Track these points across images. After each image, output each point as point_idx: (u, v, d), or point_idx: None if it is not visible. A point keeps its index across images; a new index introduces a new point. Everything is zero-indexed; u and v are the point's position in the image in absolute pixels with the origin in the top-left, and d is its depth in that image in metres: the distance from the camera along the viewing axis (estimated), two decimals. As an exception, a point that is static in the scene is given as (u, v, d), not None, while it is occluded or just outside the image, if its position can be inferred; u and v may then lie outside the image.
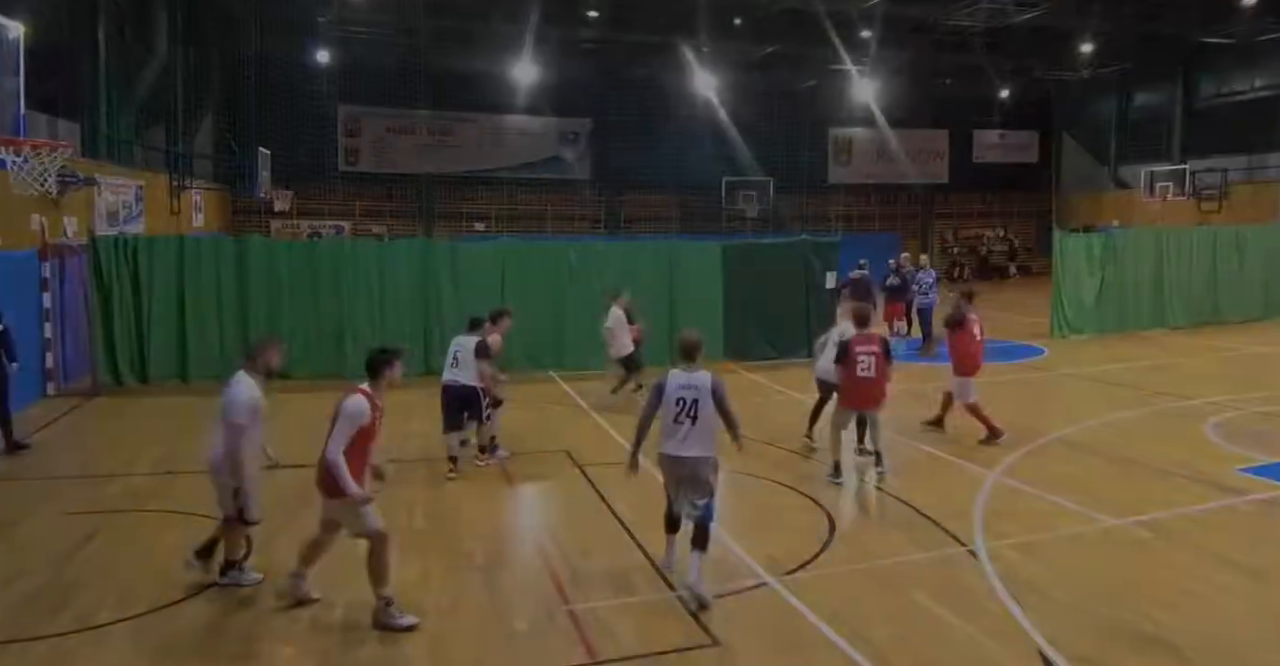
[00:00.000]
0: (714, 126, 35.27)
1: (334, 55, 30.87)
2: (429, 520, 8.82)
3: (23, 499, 9.35)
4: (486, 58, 31.48)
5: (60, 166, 9.69)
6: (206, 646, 6.17)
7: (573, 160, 36.49)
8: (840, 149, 39.52)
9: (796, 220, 36.68)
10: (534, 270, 17.06)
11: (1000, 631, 6.37)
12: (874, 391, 10.22)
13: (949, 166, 40.89)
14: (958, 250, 40.99)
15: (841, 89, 35.21)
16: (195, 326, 15.65)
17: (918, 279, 19.79)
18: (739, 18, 29.64)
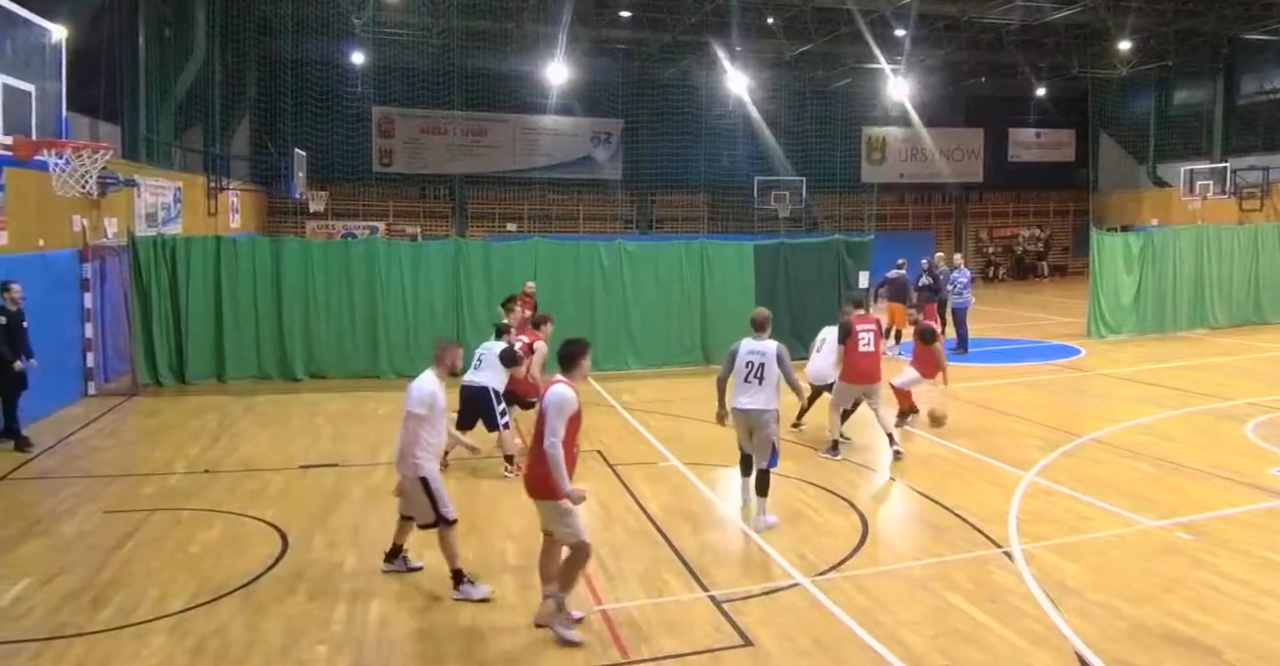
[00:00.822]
0: (746, 126, 35.17)
1: (368, 56, 31.07)
2: (461, 519, 8.81)
3: (64, 497, 9.49)
4: (519, 58, 31.60)
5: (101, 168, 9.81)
6: (244, 643, 6.23)
7: (604, 160, 36.53)
8: (873, 148, 39.30)
9: (829, 220, 36.55)
10: (565, 270, 17.11)
11: (1037, 634, 6.31)
12: (873, 366, 11.11)
13: (984, 165, 40.55)
14: (992, 250, 40.62)
15: (875, 87, 34.98)
16: (232, 326, 15.82)
17: (952, 279, 19.63)
18: (772, 16, 29.53)
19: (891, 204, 39.52)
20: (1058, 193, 41.32)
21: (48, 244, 13.32)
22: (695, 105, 35.44)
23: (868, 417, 11.57)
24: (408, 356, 16.12)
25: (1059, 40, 32.81)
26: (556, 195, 35.99)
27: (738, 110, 34.60)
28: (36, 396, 12.17)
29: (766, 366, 8.58)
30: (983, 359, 18.37)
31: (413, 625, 6.55)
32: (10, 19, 7.84)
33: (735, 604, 6.86)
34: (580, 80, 32.58)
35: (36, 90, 8.23)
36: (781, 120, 35.70)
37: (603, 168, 36.52)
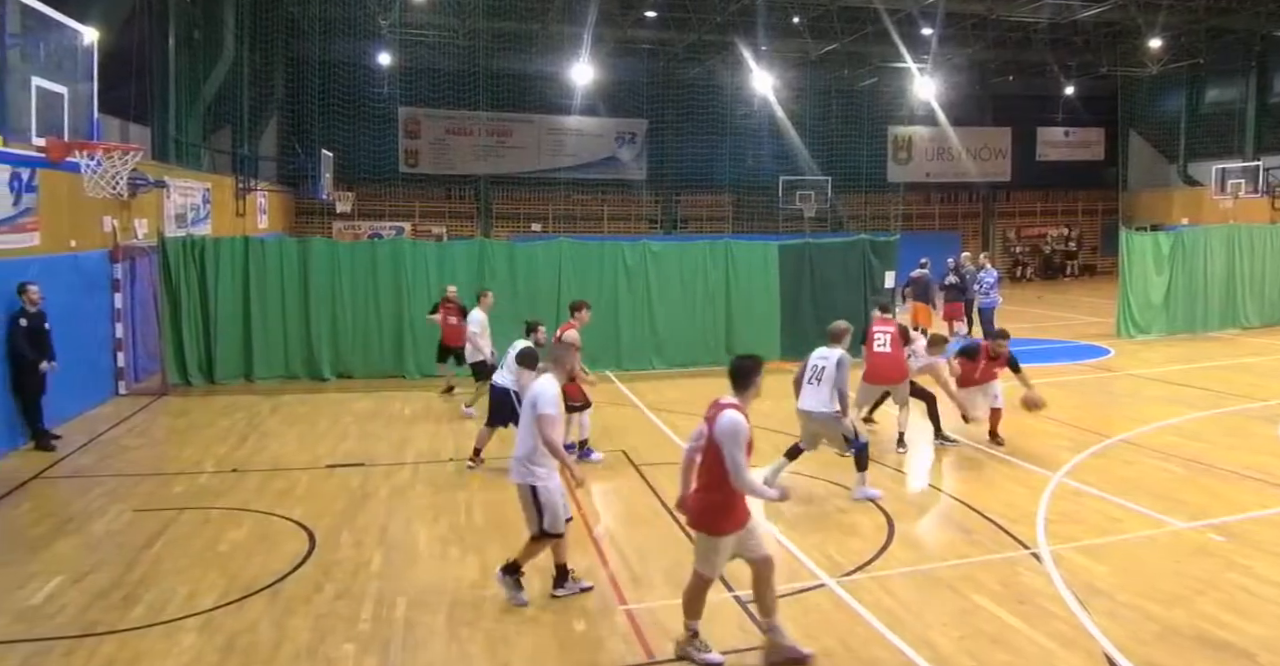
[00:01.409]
0: (771, 125, 35.12)
1: (395, 57, 31.27)
2: (487, 519, 8.88)
3: (95, 495, 9.59)
4: (544, 59, 31.71)
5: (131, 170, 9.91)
6: (272, 641, 6.27)
7: (629, 160, 36.55)
8: (900, 147, 39.10)
9: (854, 219, 36.42)
10: (590, 270, 17.13)
11: (1065, 636, 6.25)
12: (892, 365, 11.13)
13: (1011, 164, 40.26)
14: (1020, 249, 40.34)
15: (901, 87, 34.83)
16: (259, 327, 15.94)
17: (979, 279, 19.50)
18: (797, 16, 29.47)
19: (918, 203, 39.32)
20: (1086, 192, 40.97)
21: (79, 245, 13.47)
22: (720, 105, 35.42)
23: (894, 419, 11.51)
24: (432, 357, 16.22)
25: (1088, 38, 32.55)
26: (581, 195, 36.05)
27: (763, 110, 34.57)
28: (68, 396, 12.32)
29: (827, 370, 9.15)
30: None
31: (439, 624, 6.56)
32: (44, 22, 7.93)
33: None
34: (605, 80, 32.62)
35: (69, 92, 8.32)
36: (807, 120, 35.60)
37: (627, 168, 36.54)
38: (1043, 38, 32.01)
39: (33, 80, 7.75)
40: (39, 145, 7.84)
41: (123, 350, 14.78)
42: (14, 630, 6.39)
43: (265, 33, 25.99)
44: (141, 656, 6.03)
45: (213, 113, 22.65)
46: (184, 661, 5.98)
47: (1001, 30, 31.21)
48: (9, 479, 10.11)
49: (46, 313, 11.39)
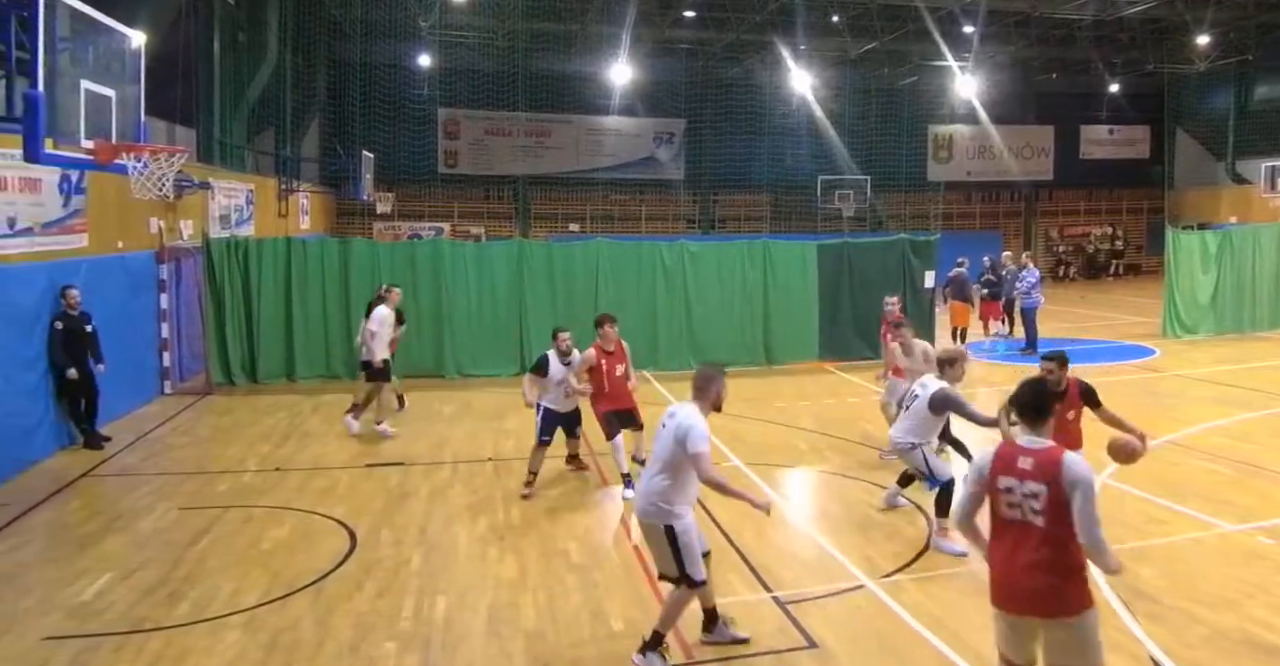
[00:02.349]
0: (809, 124, 34.94)
1: (435, 59, 31.47)
2: (525, 519, 8.92)
3: (142, 494, 9.74)
4: (582, 59, 31.78)
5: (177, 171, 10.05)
6: (315, 638, 6.34)
7: (667, 160, 36.52)
8: (940, 146, 38.76)
9: (894, 219, 36.16)
10: (627, 270, 17.14)
11: (1110, 639, 6.13)
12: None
13: (1054, 163, 39.73)
14: (1063, 249, 39.84)
15: (942, 85, 34.54)
16: (301, 327, 16.09)
17: (1021, 278, 19.29)
18: (837, 14, 29.31)
19: (958, 203, 38.95)
20: (1131, 190, 40.37)
21: (126, 246, 13.69)
22: (758, 104, 35.29)
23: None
24: (471, 356, 16.32)
25: (1133, 35, 32.09)
26: (619, 195, 36.09)
27: (801, 109, 34.41)
28: (116, 395, 12.52)
29: (918, 402, 8.34)
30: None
31: (479, 623, 6.60)
32: (93, 26, 8.05)
33: (800, 605, 6.81)
34: (643, 80, 32.66)
35: (116, 95, 8.44)
36: (846, 119, 35.37)
37: (665, 168, 36.52)
38: (1087, 35, 31.59)
39: (82, 83, 7.87)
40: (87, 148, 7.96)
41: (168, 350, 14.98)
42: (66, 626, 6.50)
43: (308, 35, 26.25)
44: (188, 653, 6.12)
45: (256, 115, 22.91)
46: (228, 658, 6.06)
47: (1045, 27, 30.83)
48: (59, 476, 10.30)
49: (91, 314, 11.54)
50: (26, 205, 10.80)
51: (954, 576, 7.35)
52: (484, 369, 16.50)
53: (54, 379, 11.13)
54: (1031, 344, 18.62)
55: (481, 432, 12.58)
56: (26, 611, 6.72)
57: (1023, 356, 18.30)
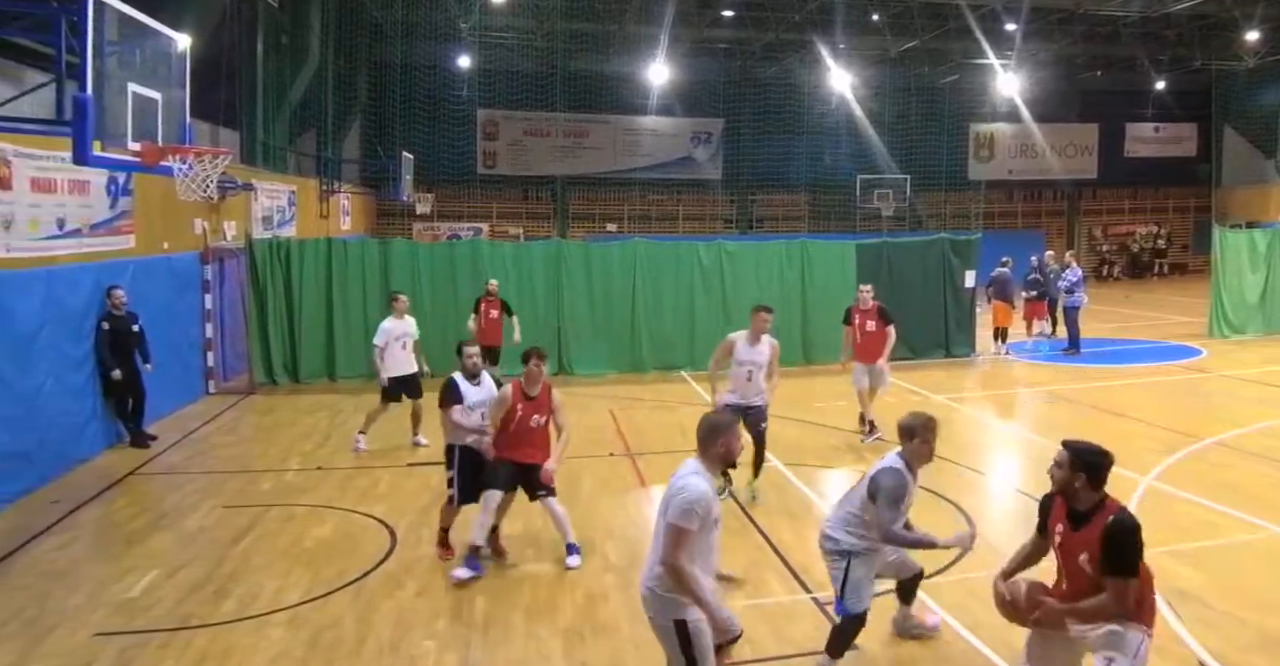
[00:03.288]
0: (848, 124, 34.74)
1: (474, 60, 31.64)
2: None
3: (188, 492, 9.87)
4: (620, 60, 31.82)
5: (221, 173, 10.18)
6: (356, 636, 6.39)
7: (704, 160, 36.47)
8: (981, 145, 38.37)
9: (934, 218, 35.86)
10: (665, 270, 17.13)
11: (1157, 643, 6.00)
12: (874, 347, 11.76)
13: (1098, 161, 39.22)
14: (1107, 248, 39.29)
15: (983, 83, 34.18)
16: (342, 327, 16.23)
17: (1063, 277, 19.05)
18: (877, 13, 29.11)
19: (1000, 201, 38.54)
20: (1177, 188, 39.73)
21: (171, 246, 13.88)
22: (797, 103, 35.14)
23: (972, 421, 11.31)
24: (508, 359, 16.31)
25: (1180, 32, 31.56)
26: (656, 195, 36.10)
27: (840, 108, 34.24)
28: (162, 394, 12.69)
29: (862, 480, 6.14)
30: (1097, 360, 17.79)
31: (517, 623, 6.63)
32: (140, 30, 8.16)
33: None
34: (681, 80, 32.64)
35: (162, 98, 8.55)
36: (885, 118, 35.13)
37: (703, 167, 36.46)
38: (1133, 31, 31.11)
39: (129, 86, 7.99)
40: (134, 150, 8.06)
41: (212, 350, 15.17)
42: (114, 622, 6.61)
43: (349, 37, 26.50)
44: (232, 650, 6.20)
45: (298, 116, 23.15)
46: (272, 655, 6.13)
47: (1089, 24, 30.39)
48: (107, 474, 10.47)
49: (138, 314, 11.71)
50: (75, 207, 10.99)
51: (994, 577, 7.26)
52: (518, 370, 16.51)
53: (101, 378, 11.31)
54: (1074, 344, 18.39)
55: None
56: (77, 607, 6.83)
57: (1065, 357, 18.08)
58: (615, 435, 12.27)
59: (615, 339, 16.77)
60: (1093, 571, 4.55)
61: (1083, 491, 4.60)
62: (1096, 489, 4.59)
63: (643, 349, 17.00)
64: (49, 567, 7.66)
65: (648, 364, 16.95)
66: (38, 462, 9.80)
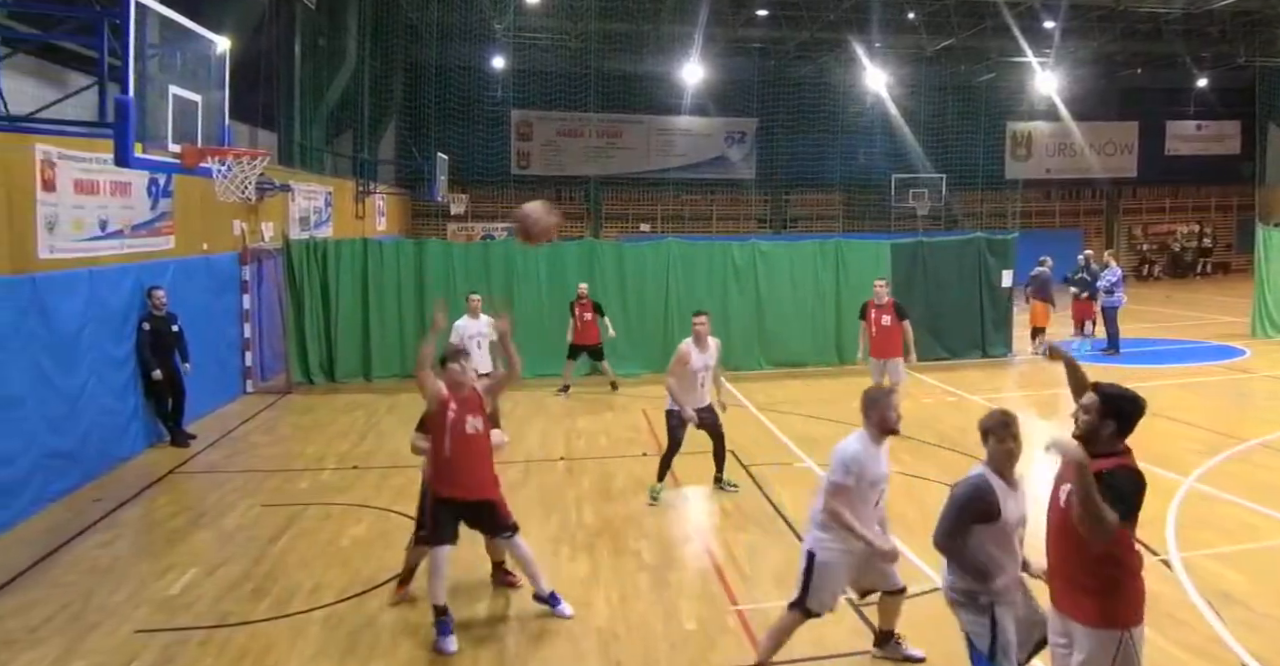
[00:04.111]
0: (884, 123, 34.53)
1: (508, 61, 31.76)
2: (597, 518, 8.94)
3: (227, 490, 9.98)
4: (654, 60, 31.81)
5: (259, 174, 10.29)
6: (393, 634, 6.43)
7: (738, 160, 36.39)
8: (1018, 143, 38.00)
9: (970, 217, 35.57)
10: (699, 270, 17.10)
11: (1197, 646, 5.98)
12: (889, 341, 12.05)
13: (1138, 159, 38.72)
14: (1147, 247, 38.78)
15: (1021, 81, 33.86)
16: (377, 327, 16.33)
17: (1102, 276, 18.82)
18: (913, 11, 28.90)
19: (1037, 200, 38.14)
20: (1219, 187, 39.11)
21: (210, 247, 14.04)
22: (831, 103, 34.99)
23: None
24: (543, 357, 16.36)
25: (1223, 28, 31.04)
26: (690, 195, 36.07)
27: (875, 107, 34.05)
28: (201, 394, 12.85)
29: None
30: (1137, 360, 17.57)
31: (552, 623, 6.63)
32: (181, 33, 8.27)
33: (874, 608, 6.70)
34: (715, 80, 32.59)
35: (202, 100, 8.66)
36: (921, 116, 34.88)
37: (736, 167, 36.38)
38: (1175, 28, 30.65)
39: (170, 89, 8.09)
40: (175, 151, 8.17)
41: (250, 350, 15.32)
42: (155, 619, 6.69)
43: (385, 39, 26.69)
44: (271, 647, 6.25)
45: (335, 118, 23.35)
46: (309, 654, 6.18)
47: (1130, 21, 30.00)
48: (148, 473, 10.61)
49: (177, 314, 11.84)
50: (117, 208, 11.14)
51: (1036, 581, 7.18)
52: (555, 369, 16.55)
53: (141, 378, 11.45)
54: (1113, 343, 18.17)
55: (553, 433, 12.65)
56: (119, 604, 6.92)
57: (1104, 357, 17.87)
58: (648, 435, 12.26)
59: (648, 339, 16.74)
60: (1065, 505, 4.27)
61: (1109, 439, 4.30)
62: (1122, 437, 4.33)
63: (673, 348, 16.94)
64: (92, 565, 7.77)
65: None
66: (81, 461, 9.94)
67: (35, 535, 8.46)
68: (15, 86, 9.44)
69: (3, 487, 8.54)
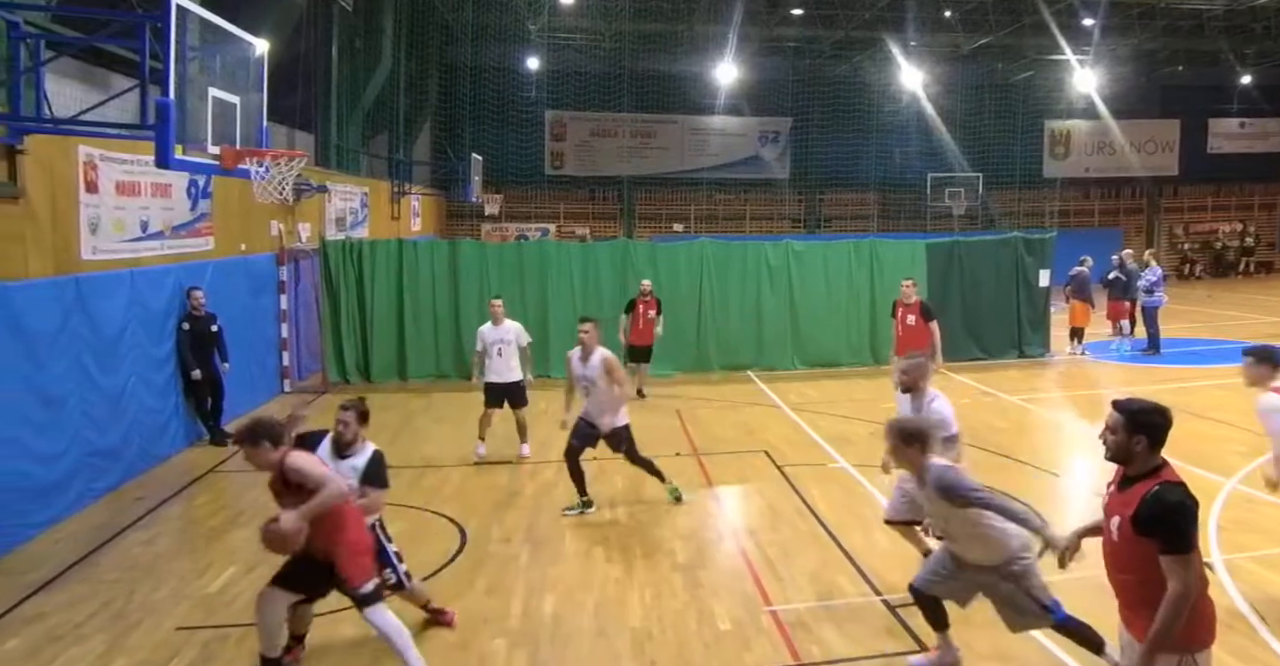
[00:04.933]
0: (919, 122, 34.27)
1: (542, 62, 31.89)
2: (631, 518, 8.95)
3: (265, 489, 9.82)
4: (688, 60, 31.81)
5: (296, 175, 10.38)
6: (426, 634, 6.46)
7: (772, 159, 36.27)
8: (1057, 142, 37.58)
9: (1007, 217, 35.24)
10: (732, 270, 17.05)
11: (1244, 650, 5.89)
12: (915, 342, 11.93)
13: (1179, 157, 38.17)
14: (1188, 246, 38.24)
15: (1059, 79, 33.48)
16: (412, 327, 16.42)
17: (1142, 276, 18.58)
18: (949, 9, 28.67)
19: (1076, 199, 37.72)
20: (1264, 185, 38.49)
21: (249, 248, 14.19)
22: (866, 102, 34.81)
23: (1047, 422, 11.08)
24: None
25: (1268, 24, 30.55)
26: (723, 195, 36.01)
27: (911, 106, 33.81)
28: (239, 393, 12.97)
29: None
30: (1178, 360, 17.32)
31: (586, 621, 6.65)
32: (221, 36, 8.37)
33: (910, 608, 6.65)
34: (749, 79, 32.52)
35: (241, 102, 8.75)
36: (957, 115, 34.59)
37: (770, 167, 36.28)
38: (1218, 25, 30.18)
39: (209, 91, 8.19)
40: (214, 153, 8.26)
41: (287, 349, 15.45)
42: (195, 617, 6.79)
43: (421, 40, 26.86)
44: (307, 645, 6.30)
45: (371, 119, 23.53)
46: (345, 651, 6.25)
47: (1171, 18, 29.58)
48: (188, 471, 10.75)
49: (217, 314, 11.95)
50: (158, 209, 11.30)
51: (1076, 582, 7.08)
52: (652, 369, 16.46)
53: (181, 378, 11.60)
54: (1154, 344, 17.93)
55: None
56: (160, 601, 7.02)
57: (1144, 357, 17.64)
58: (682, 435, 12.25)
59: (682, 339, 16.71)
60: (1119, 538, 4.14)
61: (1142, 455, 4.13)
62: (1156, 451, 4.15)
63: (709, 349, 16.95)
64: (134, 562, 7.88)
65: (714, 364, 16.89)
66: (123, 459, 10.08)
67: (79, 532, 8.59)
68: (59, 89, 9.59)
69: (48, 485, 8.68)
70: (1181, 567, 3.93)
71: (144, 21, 8.05)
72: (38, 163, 8.89)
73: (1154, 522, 3.96)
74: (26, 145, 8.63)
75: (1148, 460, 4.15)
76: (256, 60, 9.11)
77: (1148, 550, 4.01)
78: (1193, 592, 3.95)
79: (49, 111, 8.56)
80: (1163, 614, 3.96)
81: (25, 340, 8.40)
